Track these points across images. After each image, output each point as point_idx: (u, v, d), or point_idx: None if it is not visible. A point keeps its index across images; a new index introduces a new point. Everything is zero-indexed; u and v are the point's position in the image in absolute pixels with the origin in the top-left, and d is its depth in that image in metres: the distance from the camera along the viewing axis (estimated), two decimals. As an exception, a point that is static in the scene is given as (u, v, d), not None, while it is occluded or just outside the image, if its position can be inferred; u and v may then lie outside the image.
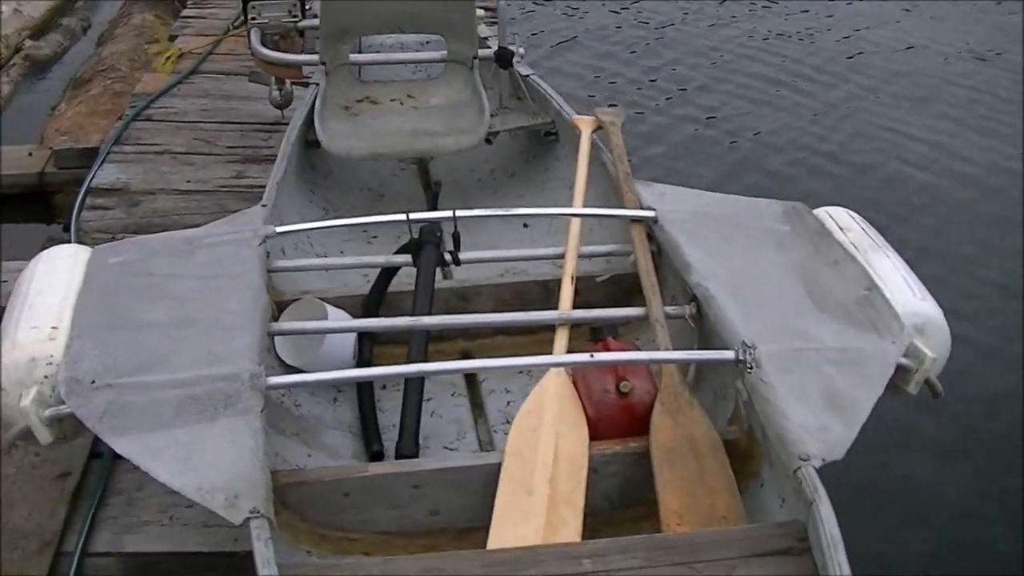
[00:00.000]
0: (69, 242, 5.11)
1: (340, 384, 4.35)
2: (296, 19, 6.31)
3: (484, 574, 2.89)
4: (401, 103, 5.95)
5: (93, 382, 3.26)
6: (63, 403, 3.24)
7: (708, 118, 9.63)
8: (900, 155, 8.95)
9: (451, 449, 4.13)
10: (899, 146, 9.11)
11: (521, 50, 6.06)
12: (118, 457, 3.98)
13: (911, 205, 8.07)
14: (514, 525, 3.30)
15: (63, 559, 3.90)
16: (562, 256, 4.40)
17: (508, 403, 4.31)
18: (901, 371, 3.51)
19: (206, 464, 3.01)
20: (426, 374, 4.12)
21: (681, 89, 10.19)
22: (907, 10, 12.65)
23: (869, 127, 9.49)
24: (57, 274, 3.77)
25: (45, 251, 3.99)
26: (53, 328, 3.46)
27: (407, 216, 4.28)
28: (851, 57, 11.10)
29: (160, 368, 3.33)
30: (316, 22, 5.97)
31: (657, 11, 12.29)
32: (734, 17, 12.25)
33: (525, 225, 5.48)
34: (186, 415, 3.17)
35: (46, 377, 3.32)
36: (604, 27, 11.76)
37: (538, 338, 4.27)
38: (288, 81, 6.66)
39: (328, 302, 4.39)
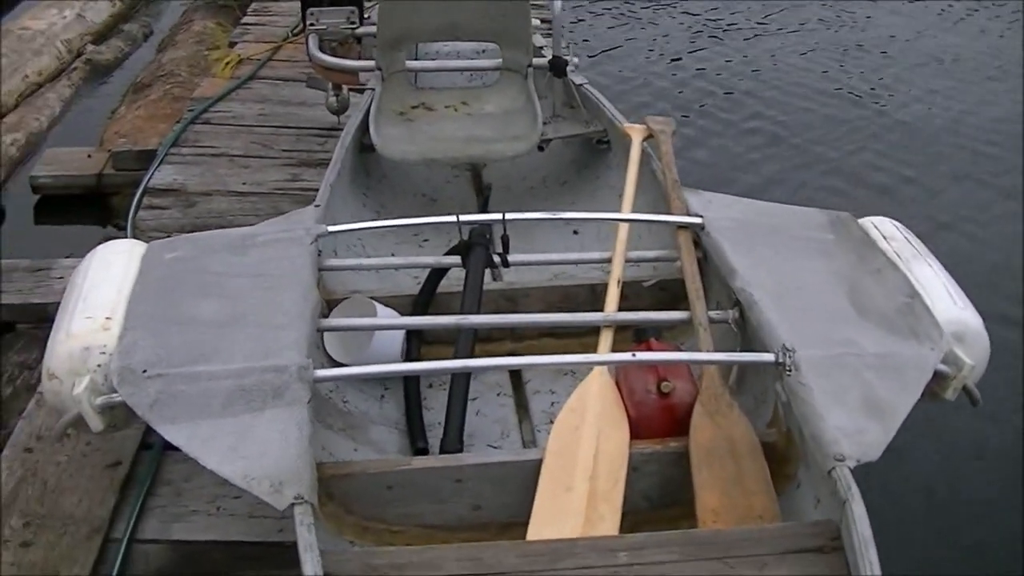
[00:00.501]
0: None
1: (387, 381, 4.40)
2: (354, 26, 6.34)
3: (521, 564, 2.94)
4: (455, 110, 5.99)
5: (145, 371, 3.33)
6: (115, 392, 3.31)
7: (753, 118, 9.71)
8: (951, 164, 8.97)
9: (495, 447, 4.17)
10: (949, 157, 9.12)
11: (575, 59, 6.11)
12: (168, 448, 4.12)
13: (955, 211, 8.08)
14: (553, 521, 3.35)
15: (111, 545, 3.96)
16: (609, 260, 4.44)
17: (552, 403, 4.33)
18: (939, 378, 3.55)
19: (253, 453, 3.08)
20: (471, 370, 4.18)
21: (727, 94, 10.22)
22: (962, 18, 12.62)
23: (921, 135, 9.50)
24: (112, 267, 3.84)
25: (101, 245, 4.06)
26: (107, 319, 3.54)
27: (457, 218, 4.33)
28: (911, 67, 11.09)
29: (210, 360, 3.40)
30: (374, 29, 6.00)
31: (707, 18, 12.35)
32: (786, 27, 12.28)
33: (575, 232, 5.53)
34: (235, 405, 3.24)
35: (99, 366, 3.39)
36: (654, 35, 11.81)
37: (584, 341, 4.31)
38: (345, 87, 6.68)
39: (378, 301, 4.45)
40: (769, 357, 3.52)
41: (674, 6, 12.71)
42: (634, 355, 3.74)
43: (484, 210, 5.72)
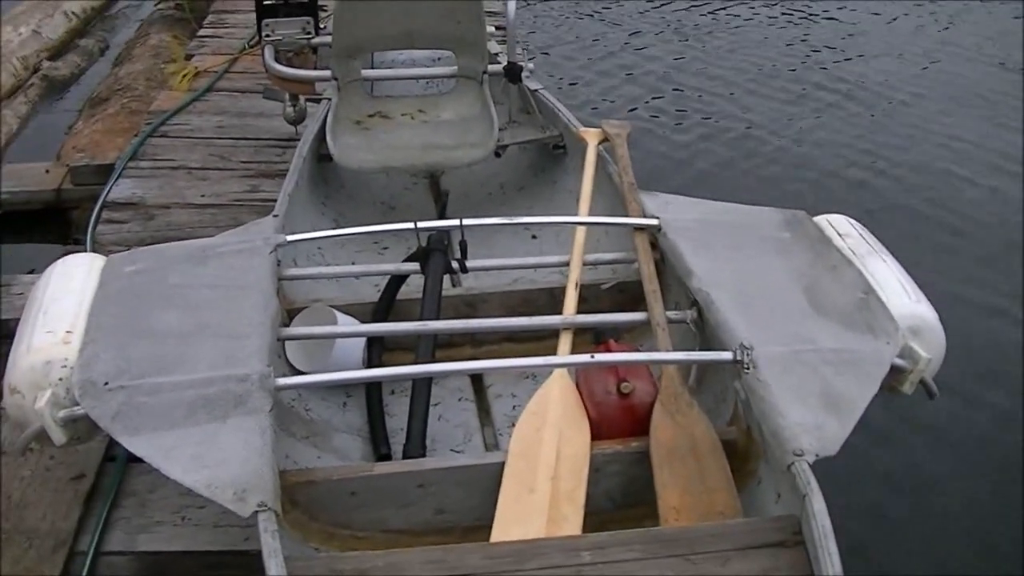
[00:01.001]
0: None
1: (349, 388, 4.42)
2: (309, 36, 6.38)
3: (486, 565, 2.96)
4: (412, 117, 6.02)
5: (106, 384, 3.34)
6: (77, 404, 3.32)
7: (702, 116, 9.84)
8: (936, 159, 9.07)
9: (458, 452, 4.19)
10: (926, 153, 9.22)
11: (530, 65, 6.14)
12: (132, 460, 4.14)
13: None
14: (517, 522, 3.36)
15: (77, 558, 3.97)
16: (568, 264, 4.46)
17: (514, 407, 4.36)
18: (896, 372, 3.59)
19: (216, 461, 3.09)
20: (432, 375, 4.20)
21: (676, 91, 10.35)
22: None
23: (910, 131, 9.59)
24: (72, 281, 3.85)
25: (60, 259, 4.07)
26: (68, 332, 3.55)
27: (415, 225, 4.36)
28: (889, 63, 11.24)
29: (172, 370, 3.41)
30: (329, 39, 6.03)
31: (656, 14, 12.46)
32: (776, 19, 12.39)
33: (534, 236, 5.56)
34: (197, 415, 3.25)
35: (60, 379, 3.39)
36: (605, 38, 11.90)
37: (545, 345, 4.33)
38: (302, 97, 6.71)
39: (338, 310, 4.46)
40: (727, 355, 3.55)
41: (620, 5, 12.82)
42: (593, 356, 3.76)
43: (442, 217, 5.73)
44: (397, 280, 4.60)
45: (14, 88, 9.57)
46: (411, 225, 4.36)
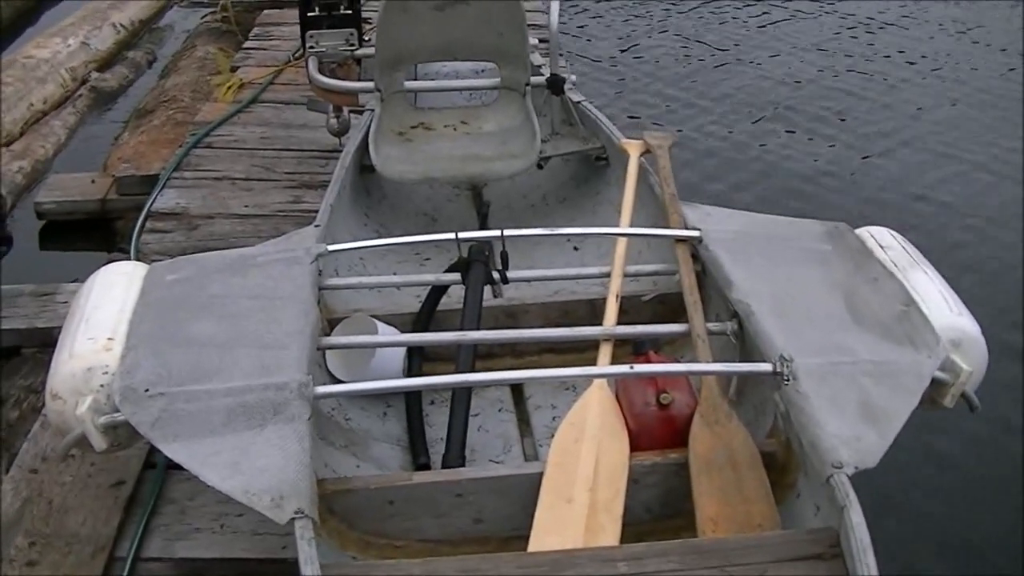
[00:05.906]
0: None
1: (389, 398, 4.42)
2: (353, 48, 6.41)
3: (521, 575, 2.96)
4: (454, 129, 6.02)
5: (147, 391, 3.36)
6: (118, 411, 3.34)
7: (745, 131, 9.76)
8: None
9: (497, 462, 4.19)
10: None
11: (573, 77, 6.14)
12: (171, 467, 4.16)
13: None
14: (554, 532, 3.36)
15: (116, 563, 3.98)
16: (609, 275, 4.45)
17: (554, 418, 4.34)
18: (938, 385, 3.56)
19: (254, 468, 3.10)
20: (471, 384, 4.19)
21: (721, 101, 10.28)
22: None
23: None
24: (114, 288, 3.87)
25: (103, 267, 4.09)
26: (109, 339, 3.57)
27: (456, 235, 4.35)
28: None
29: (212, 378, 3.43)
30: (372, 51, 6.05)
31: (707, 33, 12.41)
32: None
33: (575, 248, 5.55)
34: (236, 422, 3.26)
35: (102, 386, 3.42)
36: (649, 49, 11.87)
37: (585, 356, 4.31)
38: (346, 109, 6.72)
39: (379, 320, 4.47)
40: (767, 367, 3.53)
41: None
42: (632, 367, 3.75)
43: (483, 228, 5.73)
44: (438, 290, 4.60)
45: (62, 99, 9.62)
46: (452, 235, 4.36)
